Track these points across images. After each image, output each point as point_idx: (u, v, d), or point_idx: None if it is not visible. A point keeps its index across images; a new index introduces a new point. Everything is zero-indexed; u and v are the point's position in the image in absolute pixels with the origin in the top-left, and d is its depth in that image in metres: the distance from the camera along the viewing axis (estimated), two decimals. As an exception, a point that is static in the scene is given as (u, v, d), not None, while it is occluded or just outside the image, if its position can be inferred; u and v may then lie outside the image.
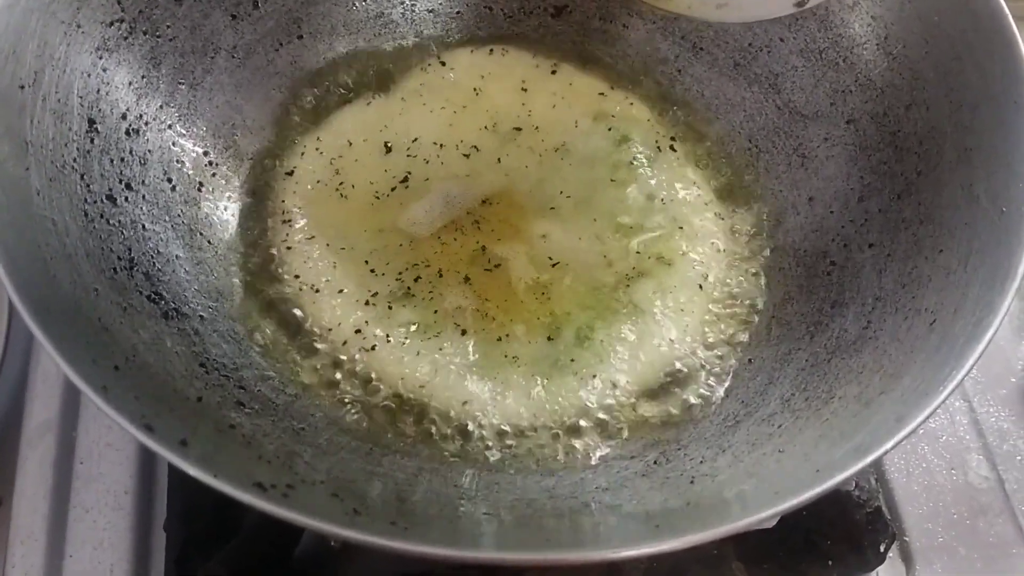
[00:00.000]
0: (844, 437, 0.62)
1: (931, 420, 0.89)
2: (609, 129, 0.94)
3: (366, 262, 0.84)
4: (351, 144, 0.91)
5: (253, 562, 0.75)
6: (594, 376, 0.79)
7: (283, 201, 0.88)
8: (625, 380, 0.79)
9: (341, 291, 0.82)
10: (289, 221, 0.87)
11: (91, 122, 0.75)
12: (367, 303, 0.82)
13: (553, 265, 0.84)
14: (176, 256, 0.78)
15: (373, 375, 0.78)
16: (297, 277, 0.83)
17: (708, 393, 0.79)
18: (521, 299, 0.82)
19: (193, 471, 0.54)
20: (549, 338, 0.80)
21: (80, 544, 0.81)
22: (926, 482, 0.87)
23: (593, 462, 0.74)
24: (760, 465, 0.66)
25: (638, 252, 0.86)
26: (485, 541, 0.60)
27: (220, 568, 0.74)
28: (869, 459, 0.57)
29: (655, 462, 0.72)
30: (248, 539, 0.75)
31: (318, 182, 0.89)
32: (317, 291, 0.82)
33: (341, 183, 0.89)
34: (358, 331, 0.80)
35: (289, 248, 0.85)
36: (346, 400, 0.77)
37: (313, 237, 0.86)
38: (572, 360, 0.79)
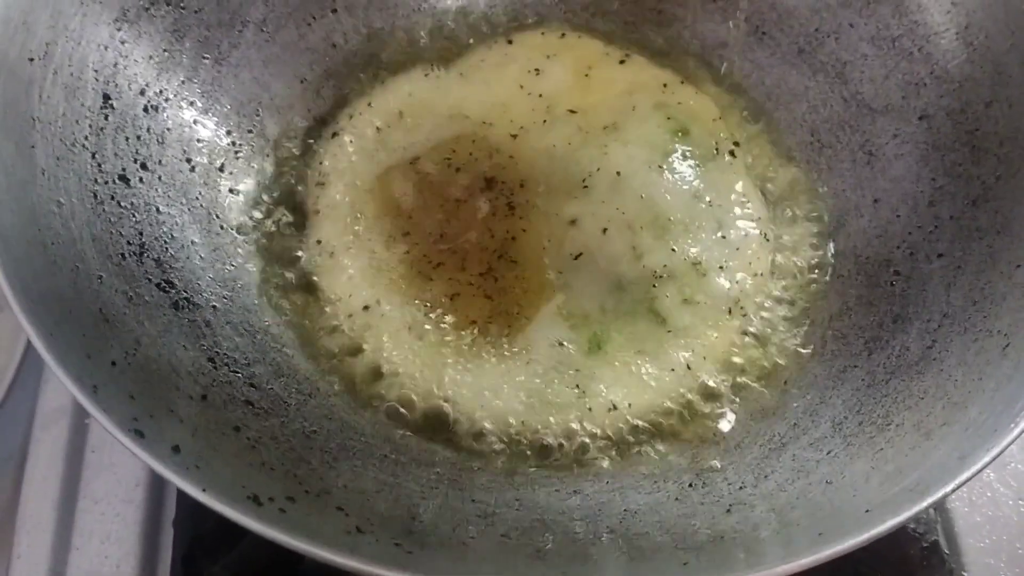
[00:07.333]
0: (900, 473, 0.57)
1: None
2: (668, 118, 0.87)
3: (392, 238, 0.81)
4: (401, 114, 0.88)
5: (260, 567, 0.72)
6: (591, 391, 0.74)
7: (322, 163, 0.85)
8: (627, 403, 0.74)
9: (360, 262, 0.80)
10: (324, 184, 0.84)
11: (106, 98, 0.71)
12: (383, 279, 0.79)
13: (576, 258, 0.79)
14: (192, 241, 0.74)
15: (366, 347, 0.77)
16: (319, 243, 0.81)
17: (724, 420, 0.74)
18: (539, 296, 0.77)
19: (181, 483, 0.51)
20: (561, 344, 0.75)
21: (87, 536, 0.78)
22: (990, 513, 0.81)
23: (622, 482, 0.69)
24: (804, 497, 0.60)
25: (673, 250, 0.79)
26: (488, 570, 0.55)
27: (224, 572, 0.70)
28: (926, 503, 0.51)
29: (690, 485, 0.66)
30: (256, 542, 0.71)
31: (362, 148, 0.86)
32: (334, 256, 0.81)
33: (386, 153, 0.86)
34: (367, 307, 0.78)
35: (318, 212, 0.83)
36: (330, 378, 0.75)
37: (345, 203, 0.83)
38: (577, 370, 0.75)
